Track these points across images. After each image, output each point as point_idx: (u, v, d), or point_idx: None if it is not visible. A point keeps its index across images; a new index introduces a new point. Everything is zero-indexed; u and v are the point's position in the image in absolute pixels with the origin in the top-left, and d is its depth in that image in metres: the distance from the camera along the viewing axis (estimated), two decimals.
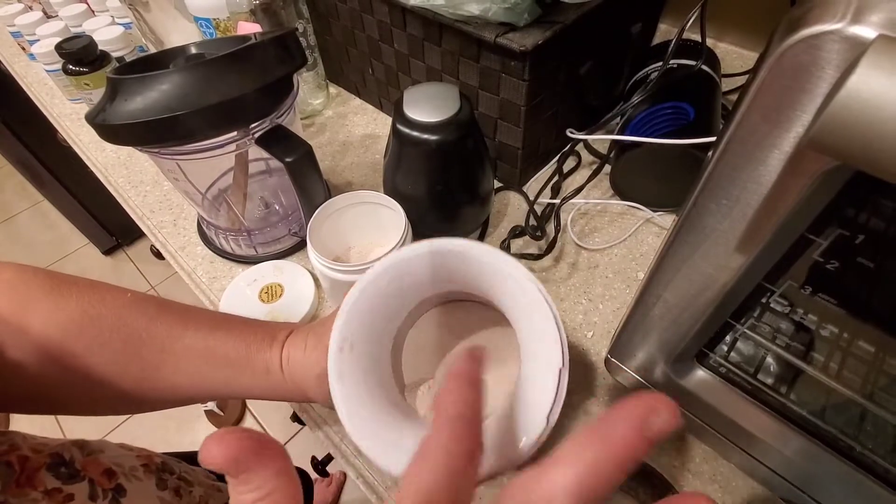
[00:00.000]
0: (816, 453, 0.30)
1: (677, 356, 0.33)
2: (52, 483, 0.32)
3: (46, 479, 0.32)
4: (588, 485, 0.13)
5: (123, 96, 0.35)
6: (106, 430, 1.33)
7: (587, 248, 0.51)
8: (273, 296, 0.49)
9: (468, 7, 0.44)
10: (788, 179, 0.20)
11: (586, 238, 0.52)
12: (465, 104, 0.44)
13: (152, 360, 0.31)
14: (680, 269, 0.27)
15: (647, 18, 0.60)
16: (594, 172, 0.57)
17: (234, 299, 0.49)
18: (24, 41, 0.87)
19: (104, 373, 0.30)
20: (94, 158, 0.68)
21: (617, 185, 0.55)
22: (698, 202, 0.24)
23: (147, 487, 0.40)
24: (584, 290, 0.48)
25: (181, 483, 0.44)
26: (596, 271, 0.50)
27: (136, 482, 0.39)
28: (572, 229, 0.53)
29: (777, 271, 0.25)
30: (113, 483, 0.37)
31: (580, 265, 0.50)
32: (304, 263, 0.52)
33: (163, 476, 0.42)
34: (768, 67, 0.18)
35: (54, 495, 0.32)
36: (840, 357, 0.31)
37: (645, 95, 0.51)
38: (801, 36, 0.17)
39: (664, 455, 0.38)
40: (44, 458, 0.33)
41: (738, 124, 0.20)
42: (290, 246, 0.54)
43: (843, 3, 0.17)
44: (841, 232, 0.22)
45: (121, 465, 0.39)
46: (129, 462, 0.41)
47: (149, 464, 0.42)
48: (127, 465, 0.40)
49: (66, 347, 0.29)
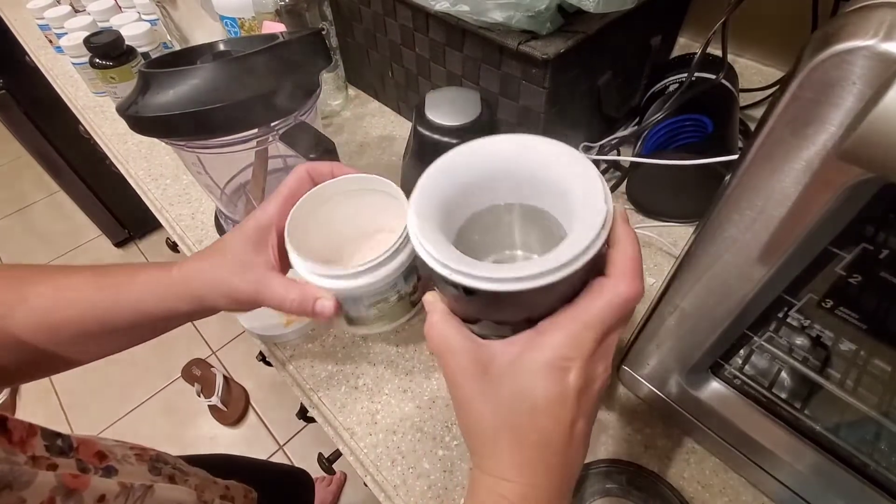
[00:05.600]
0: (829, 469, 0.30)
1: (692, 367, 0.33)
2: (41, 451, 0.33)
3: (38, 446, 0.33)
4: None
5: (155, 89, 0.36)
6: (110, 422, 1.34)
7: None
8: None
9: (492, 14, 0.44)
10: (814, 192, 0.20)
11: None
12: (485, 109, 0.44)
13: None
14: (699, 280, 0.28)
15: (667, 31, 0.61)
16: (612, 188, 0.58)
17: None
18: (51, 34, 0.89)
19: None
20: (116, 151, 0.69)
21: (633, 196, 0.55)
22: (722, 213, 0.24)
23: (139, 470, 0.40)
24: None
25: (176, 472, 0.44)
26: None
27: (127, 465, 0.39)
28: None
29: (798, 283, 0.25)
30: (104, 464, 0.37)
31: None
32: None
33: (156, 465, 0.42)
34: (799, 81, 0.18)
35: (40, 462, 0.32)
36: (856, 374, 0.31)
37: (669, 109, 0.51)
38: (834, 51, 0.17)
39: (674, 466, 0.38)
40: (36, 428, 0.34)
41: (766, 136, 0.20)
42: None
43: (875, 21, 0.17)
44: (865, 246, 0.22)
45: (112, 451, 0.39)
46: (122, 451, 0.41)
47: (142, 455, 0.42)
48: (119, 452, 0.40)
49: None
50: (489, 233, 0.34)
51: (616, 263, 0.23)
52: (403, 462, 0.39)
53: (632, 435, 0.40)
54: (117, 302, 0.33)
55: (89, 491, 0.31)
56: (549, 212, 0.31)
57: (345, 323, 0.36)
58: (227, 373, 1.41)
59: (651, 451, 0.39)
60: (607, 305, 0.22)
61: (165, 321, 0.34)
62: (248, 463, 0.69)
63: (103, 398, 1.39)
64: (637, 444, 0.39)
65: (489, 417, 0.23)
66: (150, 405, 1.39)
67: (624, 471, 0.38)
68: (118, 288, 0.33)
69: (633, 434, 0.40)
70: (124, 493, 0.34)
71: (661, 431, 0.40)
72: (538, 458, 0.23)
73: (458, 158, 0.30)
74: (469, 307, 0.27)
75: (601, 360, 0.23)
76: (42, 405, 1.39)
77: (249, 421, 1.35)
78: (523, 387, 0.23)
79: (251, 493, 0.52)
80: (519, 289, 0.23)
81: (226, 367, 1.44)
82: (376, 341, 0.47)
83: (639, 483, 0.37)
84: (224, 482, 0.49)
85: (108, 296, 0.33)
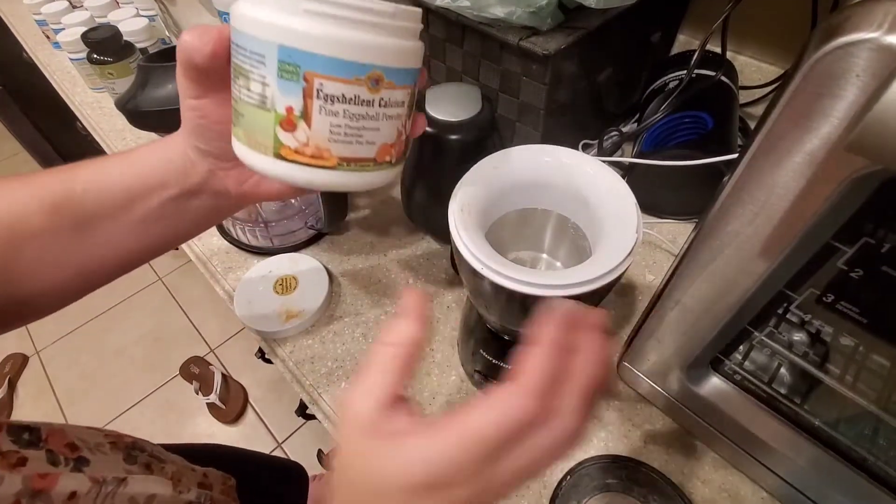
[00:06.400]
0: (829, 463, 0.30)
1: (692, 363, 0.33)
2: (7, 446, 0.31)
3: (3, 441, 0.31)
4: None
5: (154, 84, 0.36)
6: (107, 420, 1.34)
7: None
8: (287, 288, 0.49)
9: (493, 10, 0.44)
10: (817, 185, 0.20)
11: None
12: (486, 105, 0.44)
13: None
14: (700, 274, 0.28)
15: (667, 28, 0.61)
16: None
17: (249, 290, 0.49)
18: (48, 30, 0.88)
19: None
20: (114, 146, 0.69)
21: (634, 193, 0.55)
22: (723, 207, 0.24)
23: (113, 460, 0.38)
24: None
25: (152, 460, 0.42)
26: None
27: (100, 455, 0.37)
28: None
29: (799, 278, 0.25)
30: (75, 455, 0.35)
31: None
32: (319, 257, 0.53)
33: (132, 453, 0.41)
34: (803, 73, 0.18)
35: (8, 456, 0.30)
36: (856, 369, 0.31)
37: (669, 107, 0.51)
38: (838, 43, 0.17)
39: (673, 462, 0.38)
40: (2, 424, 0.32)
41: (770, 129, 0.20)
42: (305, 239, 0.54)
43: (880, 13, 0.17)
44: (867, 240, 0.22)
45: (85, 440, 0.38)
46: (95, 439, 0.39)
47: (117, 442, 0.41)
48: (92, 441, 0.38)
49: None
50: (520, 231, 0.37)
51: (525, 378, 0.19)
52: None
53: (632, 431, 0.40)
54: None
55: (57, 490, 0.30)
56: (580, 225, 0.34)
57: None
58: (225, 370, 1.41)
59: (651, 446, 0.39)
60: (499, 422, 0.18)
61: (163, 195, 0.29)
62: (234, 452, 0.67)
63: (101, 396, 1.39)
64: (637, 440, 0.39)
65: (340, 485, 0.21)
66: (148, 403, 1.38)
67: (624, 466, 0.38)
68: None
69: (632, 430, 0.40)
70: (95, 487, 0.33)
71: (662, 427, 0.40)
72: None
73: (507, 159, 0.34)
74: (503, 307, 0.31)
75: (488, 489, 0.19)
76: (40, 403, 1.39)
77: (248, 419, 1.34)
78: (384, 483, 0.19)
79: (229, 479, 0.51)
80: (542, 294, 0.26)
81: (224, 365, 1.44)
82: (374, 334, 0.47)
83: (639, 478, 0.37)
84: (202, 469, 0.48)
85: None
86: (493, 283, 0.27)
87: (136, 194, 0.28)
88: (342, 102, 0.21)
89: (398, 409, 0.20)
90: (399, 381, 0.21)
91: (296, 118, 0.21)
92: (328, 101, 0.21)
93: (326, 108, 0.21)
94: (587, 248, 0.34)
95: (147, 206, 0.28)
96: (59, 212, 0.27)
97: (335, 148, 0.22)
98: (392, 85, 0.23)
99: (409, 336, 0.21)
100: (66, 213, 0.28)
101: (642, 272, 0.50)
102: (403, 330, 0.21)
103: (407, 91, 0.24)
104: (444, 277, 0.51)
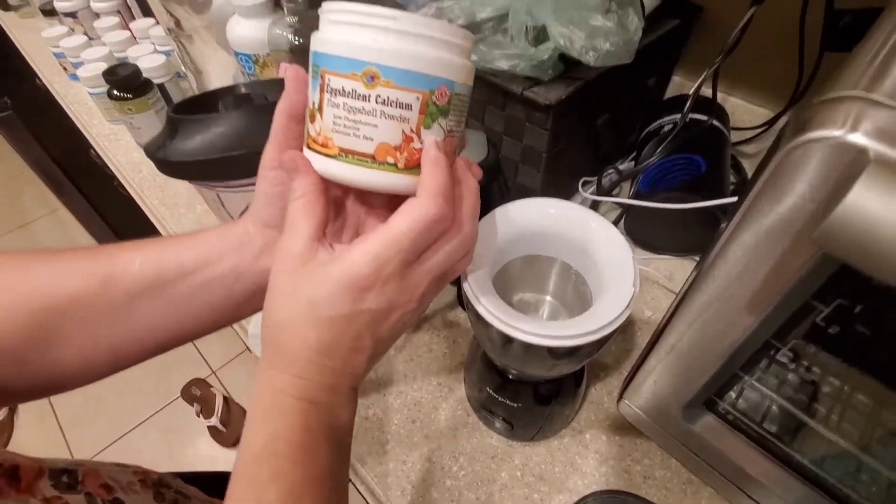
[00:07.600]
0: (816, 501, 0.32)
1: (688, 402, 0.35)
2: (50, 492, 0.33)
3: (45, 488, 0.33)
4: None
5: (183, 135, 0.38)
6: (108, 442, 1.34)
7: None
8: None
9: (498, 63, 0.47)
10: (792, 256, 0.23)
11: None
12: (492, 151, 0.47)
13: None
14: (694, 323, 0.30)
15: (661, 73, 0.64)
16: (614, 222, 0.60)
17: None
18: (66, 62, 0.91)
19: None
20: (130, 179, 0.72)
21: (631, 231, 0.57)
22: (713, 264, 0.27)
23: (144, 499, 0.40)
24: None
25: (179, 496, 0.44)
26: None
27: (133, 495, 0.39)
28: None
29: (783, 331, 0.27)
30: (111, 497, 0.37)
31: None
32: None
33: (160, 490, 0.43)
34: (776, 162, 0.21)
35: (53, 502, 0.32)
36: (840, 409, 0.33)
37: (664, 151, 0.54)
38: (807, 138, 0.20)
39: (672, 495, 0.40)
40: (44, 469, 0.34)
41: (750, 205, 0.23)
42: None
43: (842, 112, 0.20)
44: (841, 301, 0.24)
45: (117, 480, 0.39)
46: (126, 478, 0.41)
47: (145, 479, 0.43)
48: (124, 480, 0.40)
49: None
50: (525, 275, 0.41)
51: (427, 186, 0.23)
52: (413, 492, 0.41)
53: (631, 466, 0.42)
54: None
55: None
56: (582, 273, 0.38)
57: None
58: (227, 393, 1.42)
59: (650, 481, 0.41)
60: (413, 225, 0.23)
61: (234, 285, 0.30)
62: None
63: (102, 418, 1.39)
64: (637, 475, 0.41)
65: (282, 312, 0.24)
66: (149, 425, 1.38)
67: (624, 501, 0.39)
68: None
69: (632, 465, 0.42)
70: None
71: (660, 462, 0.42)
72: (315, 361, 0.24)
73: (514, 211, 0.37)
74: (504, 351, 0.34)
75: (407, 290, 0.24)
76: (41, 425, 1.39)
77: None
78: (316, 297, 0.23)
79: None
80: (548, 345, 0.30)
81: (226, 388, 1.45)
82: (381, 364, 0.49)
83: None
84: (220, 501, 0.49)
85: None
86: (499, 331, 0.29)
87: (189, 268, 0.29)
88: (342, 95, 0.24)
89: (323, 244, 0.24)
90: (317, 222, 0.24)
91: (316, 111, 0.25)
92: (333, 94, 0.24)
93: (332, 100, 0.24)
94: (588, 294, 0.36)
95: (195, 281, 0.29)
96: (108, 287, 0.28)
97: (336, 138, 0.25)
98: (390, 84, 0.23)
99: (308, 185, 0.25)
100: (115, 289, 0.28)
101: (640, 308, 0.52)
102: (302, 183, 0.25)
103: (414, 95, 0.24)
104: (451, 313, 0.53)
